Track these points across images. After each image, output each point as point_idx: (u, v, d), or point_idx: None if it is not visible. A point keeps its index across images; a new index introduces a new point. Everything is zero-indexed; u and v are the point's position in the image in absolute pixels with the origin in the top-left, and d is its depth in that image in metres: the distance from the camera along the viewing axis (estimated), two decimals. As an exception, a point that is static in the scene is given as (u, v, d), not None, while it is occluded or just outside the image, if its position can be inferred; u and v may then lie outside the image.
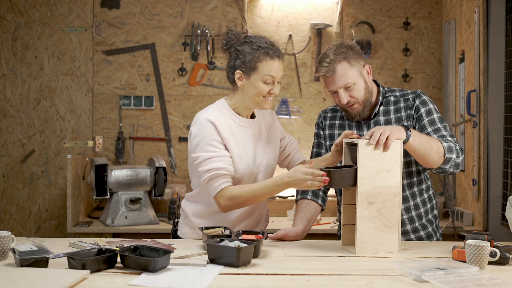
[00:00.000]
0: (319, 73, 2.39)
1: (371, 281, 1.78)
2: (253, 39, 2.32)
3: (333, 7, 4.28)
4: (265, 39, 2.33)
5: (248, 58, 2.28)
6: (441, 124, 2.39)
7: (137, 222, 3.69)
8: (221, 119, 2.32)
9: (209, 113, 2.33)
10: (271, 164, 2.46)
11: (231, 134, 2.33)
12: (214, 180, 2.26)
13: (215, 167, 2.25)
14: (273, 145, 2.48)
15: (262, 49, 2.27)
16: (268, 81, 2.29)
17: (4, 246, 1.98)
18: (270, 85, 2.30)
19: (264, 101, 2.32)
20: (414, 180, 2.44)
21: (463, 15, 3.93)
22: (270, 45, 2.30)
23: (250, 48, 2.29)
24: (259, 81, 2.29)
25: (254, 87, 2.30)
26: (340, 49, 2.38)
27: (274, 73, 2.29)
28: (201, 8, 4.27)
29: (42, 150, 4.24)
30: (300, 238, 2.44)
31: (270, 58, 2.27)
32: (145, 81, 4.27)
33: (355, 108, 2.41)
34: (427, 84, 4.32)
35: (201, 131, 2.29)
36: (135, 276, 1.81)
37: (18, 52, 4.23)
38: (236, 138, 2.34)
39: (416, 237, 2.47)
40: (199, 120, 2.32)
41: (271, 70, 2.28)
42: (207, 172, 2.26)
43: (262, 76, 2.28)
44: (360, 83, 2.38)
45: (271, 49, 2.28)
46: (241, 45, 2.32)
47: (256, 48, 2.28)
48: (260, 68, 2.28)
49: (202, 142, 2.28)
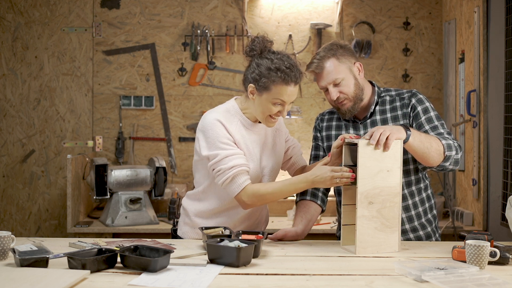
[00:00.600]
0: (309, 69, 2.43)
1: (371, 281, 1.78)
2: (275, 56, 2.25)
3: (333, 7, 4.28)
4: (287, 59, 2.25)
5: (264, 76, 2.23)
6: (439, 122, 2.40)
7: (137, 222, 3.69)
8: (230, 120, 2.32)
9: (218, 113, 2.32)
10: (276, 168, 2.47)
11: (240, 135, 2.33)
12: (239, 177, 2.25)
13: (239, 163, 2.24)
14: (278, 148, 2.49)
15: (280, 72, 2.22)
16: (278, 103, 2.26)
17: (4, 246, 1.98)
18: (279, 107, 2.27)
19: (269, 121, 2.31)
20: (412, 179, 2.45)
21: (463, 15, 3.93)
22: (289, 68, 2.23)
23: (269, 66, 2.23)
24: (269, 102, 2.26)
25: (263, 105, 2.27)
26: (331, 47, 2.42)
27: (286, 99, 2.26)
28: (201, 8, 4.27)
29: (42, 150, 4.24)
30: (300, 238, 2.44)
31: (285, 84, 2.22)
32: (145, 81, 4.27)
33: (345, 104, 2.42)
34: (427, 84, 4.32)
35: (212, 130, 2.27)
36: (135, 276, 1.81)
37: (18, 52, 4.23)
38: (245, 140, 2.34)
39: (415, 237, 2.47)
40: (208, 119, 2.29)
41: (283, 95, 2.24)
42: (230, 169, 2.23)
43: (273, 98, 2.25)
44: (350, 79, 2.40)
45: (288, 74, 2.22)
46: (262, 59, 2.26)
47: (274, 69, 2.22)
48: (273, 91, 2.24)
49: (216, 141, 2.26)
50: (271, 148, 2.44)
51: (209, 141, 2.27)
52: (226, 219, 2.40)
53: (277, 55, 2.26)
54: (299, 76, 2.26)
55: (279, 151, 2.48)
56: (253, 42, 2.29)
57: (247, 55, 2.32)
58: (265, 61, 2.25)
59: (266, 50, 2.29)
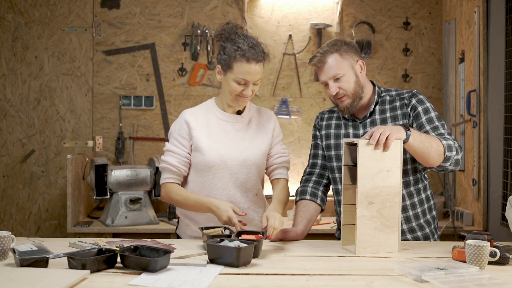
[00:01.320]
0: (312, 62, 2.45)
1: (371, 281, 1.78)
2: (238, 37, 2.35)
3: (333, 7, 4.28)
4: (250, 39, 2.35)
5: (227, 56, 2.34)
6: (439, 122, 2.40)
7: (137, 222, 3.69)
8: (198, 114, 2.46)
9: (189, 109, 2.50)
10: (252, 159, 2.46)
11: (206, 127, 2.43)
12: (164, 172, 2.45)
13: (168, 161, 2.43)
14: (260, 141, 2.50)
15: (241, 51, 2.31)
16: (241, 82, 2.34)
17: (4, 246, 1.98)
18: (243, 86, 2.35)
19: (237, 100, 2.40)
20: (410, 179, 2.44)
21: (463, 15, 3.93)
22: (251, 47, 2.32)
23: (231, 46, 2.34)
24: (232, 80, 2.35)
25: (227, 84, 2.38)
26: (335, 43, 2.44)
27: (248, 77, 2.33)
28: (201, 8, 4.27)
29: (42, 150, 4.24)
30: (300, 238, 2.44)
31: (246, 61, 2.31)
32: (145, 81, 4.27)
33: (344, 101, 2.42)
34: (427, 84, 4.32)
35: (173, 125, 2.48)
36: (135, 276, 1.81)
37: (18, 52, 4.23)
38: (211, 131, 2.43)
39: (412, 238, 2.46)
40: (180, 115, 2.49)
41: (244, 73, 2.32)
42: (162, 162, 2.46)
43: (235, 76, 2.34)
44: (350, 75, 2.41)
45: (250, 52, 2.31)
46: (226, 41, 2.37)
47: (236, 48, 2.32)
48: (235, 69, 2.34)
49: (170, 135, 2.47)
50: (249, 139, 2.47)
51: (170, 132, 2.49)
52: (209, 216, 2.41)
53: (240, 36, 2.36)
54: (260, 55, 2.33)
55: (259, 144, 2.49)
56: (223, 27, 2.40)
57: (216, 40, 2.43)
58: (229, 43, 2.36)
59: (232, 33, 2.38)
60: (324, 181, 2.59)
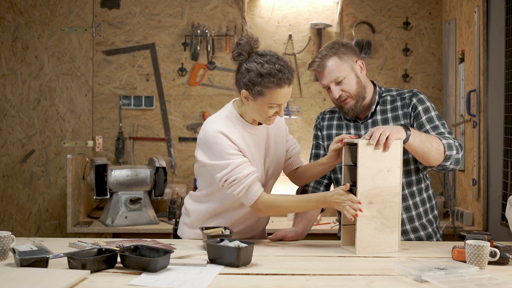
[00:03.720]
0: (311, 68, 2.43)
1: (371, 281, 1.78)
2: (264, 59, 2.18)
3: (333, 7, 4.28)
4: (277, 61, 2.19)
5: (256, 83, 2.17)
6: (439, 122, 2.40)
7: (137, 222, 3.69)
8: (232, 130, 2.26)
9: (219, 124, 2.25)
10: (278, 168, 2.46)
11: (244, 143, 2.28)
12: (254, 185, 2.21)
13: (252, 171, 2.21)
14: (280, 148, 2.46)
15: (272, 77, 2.16)
16: (274, 106, 2.22)
17: (4, 246, 1.98)
18: (276, 108, 2.23)
19: (268, 120, 2.27)
20: (412, 179, 2.44)
21: (463, 15, 3.93)
22: (281, 71, 2.16)
23: (259, 72, 2.17)
24: (264, 106, 2.21)
25: (259, 109, 2.23)
26: (333, 46, 2.42)
27: (281, 101, 2.21)
28: (201, 8, 4.27)
29: (42, 150, 4.24)
30: (300, 238, 2.44)
31: (279, 87, 2.17)
32: (145, 81, 4.27)
33: (347, 102, 2.42)
34: (427, 84, 4.32)
35: (216, 144, 2.21)
36: (135, 276, 1.81)
37: (18, 52, 4.23)
38: (249, 147, 2.30)
39: (415, 237, 2.47)
40: (210, 132, 2.23)
41: (278, 98, 2.19)
42: (246, 177, 2.19)
43: (268, 102, 2.20)
44: (352, 77, 2.40)
45: (281, 78, 2.16)
46: (251, 63, 2.20)
47: (266, 74, 2.16)
48: (267, 96, 2.18)
49: (222, 153, 2.20)
50: (274, 147, 2.43)
51: (215, 153, 2.21)
52: (225, 220, 2.40)
53: (265, 58, 2.19)
54: (291, 76, 2.20)
55: (281, 150, 2.47)
56: (239, 46, 2.22)
57: (234, 60, 2.26)
58: (254, 65, 2.18)
59: (253, 52, 2.23)
60: (325, 181, 2.59)
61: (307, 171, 2.47)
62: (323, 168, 2.40)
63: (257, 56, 2.21)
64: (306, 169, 2.48)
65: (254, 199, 2.21)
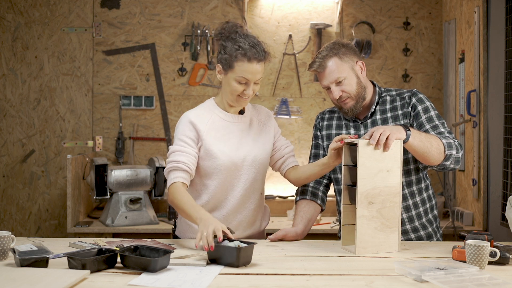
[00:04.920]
0: (312, 68, 2.44)
1: (371, 281, 1.78)
2: (239, 37, 2.32)
3: (333, 7, 4.28)
4: (251, 39, 2.32)
5: (227, 55, 2.31)
6: (439, 121, 2.40)
7: (137, 222, 3.69)
8: (203, 116, 2.40)
9: (192, 111, 2.44)
10: (260, 158, 2.45)
11: (213, 129, 2.39)
12: (172, 172, 2.32)
13: (177, 159, 2.32)
14: (264, 140, 2.49)
15: (242, 50, 2.28)
16: (242, 81, 2.31)
17: (4, 246, 1.98)
18: (244, 85, 2.32)
19: (239, 100, 2.37)
20: (412, 179, 2.45)
21: (463, 15, 3.93)
22: (252, 46, 2.29)
23: (232, 45, 2.31)
24: (233, 80, 2.32)
25: (228, 84, 2.34)
26: (333, 46, 2.43)
27: (249, 76, 2.30)
28: (201, 8, 4.27)
29: (42, 150, 4.24)
30: (300, 238, 2.44)
31: (248, 60, 2.28)
32: (145, 81, 4.27)
33: (347, 103, 2.43)
34: (427, 84, 4.32)
35: (178, 127, 2.40)
36: (135, 276, 1.81)
37: (18, 52, 4.23)
38: (218, 133, 2.39)
39: (416, 237, 2.47)
40: (181, 117, 2.43)
41: (246, 72, 2.29)
42: (169, 163, 2.34)
43: (236, 75, 2.31)
44: (352, 77, 2.41)
45: (251, 51, 2.28)
46: (226, 40, 2.34)
47: (237, 47, 2.29)
48: (236, 68, 2.30)
49: (176, 137, 2.39)
50: (254, 138, 2.46)
51: (175, 135, 2.41)
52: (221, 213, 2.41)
53: (240, 35, 2.34)
54: (261, 54, 2.30)
55: (264, 143, 2.48)
56: (222, 26, 2.38)
57: (216, 38, 2.40)
58: (229, 42, 2.33)
59: (232, 32, 2.36)
60: (325, 181, 2.59)
61: (306, 172, 2.47)
62: (323, 168, 2.40)
63: (235, 34, 2.35)
64: (305, 169, 2.48)
65: (168, 184, 2.33)
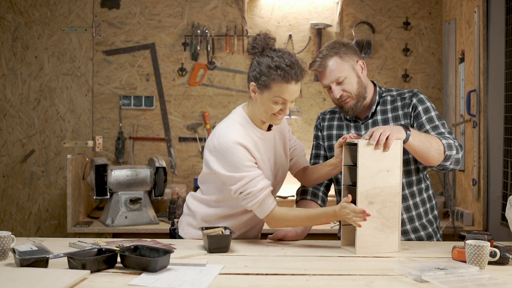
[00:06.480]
0: (312, 68, 2.44)
1: (371, 281, 1.78)
2: (276, 54, 2.22)
3: (333, 7, 4.28)
4: (288, 57, 2.22)
5: (264, 75, 2.20)
6: (439, 122, 2.40)
7: (137, 222, 3.69)
8: (247, 139, 2.27)
9: (236, 134, 2.25)
10: (286, 169, 2.47)
11: (256, 150, 2.29)
12: (267, 199, 2.24)
13: (266, 185, 2.23)
14: (285, 149, 2.48)
15: (280, 70, 2.18)
16: (279, 101, 2.22)
17: (4, 246, 1.98)
18: (281, 105, 2.24)
19: (274, 118, 2.28)
20: (413, 179, 2.45)
21: (463, 15, 3.93)
22: (290, 66, 2.19)
23: (269, 64, 2.20)
24: (270, 100, 2.22)
25: (264, 104, 2.24)
26: (333, 46, 2.43)
27: (287, 97, 2.22)
28: (201, 8, 4.27)
29: (42, 150, 4.24)
30: (300, 238, 2.44)
31: (286, 82, 2.18)
32: (145, 81, 4.27)
33: (348, 102, 2.42)
34: (427, 84, 4.32)
35: (234, 155, 2.22)
36: (135, 276, 1.81)
37: (18, 52, 4.23)
38: (261, 154, 2.31)
39: (416, 237, 2.47)
40: (227, 142, 2.23)
41: (283, 93, 2.20)
42: (260, 191, 2.21)
43: (273, 96, 2.21)
44: (352, 77, 2.41)
45: (290, 72, 2.18)
46: (262, 57, 2.23)
47: (274, 67, 2.18)
48: (273, 89, 2.20)
49: (239, 165, 2.21)
50: (281, 153, 2.44)
51: (231, 165, 2.22)
52: (233, 222, 2.40)
53: (278, 53, 2.23)
54: (300, 74, 2.22)
55: (286, 153, 2.48)
56: (255, 40, 2.27)
57: (248, 53, 2.29)
58: (266, 59, 2.22)
59: (267, 48, 2.26)
60: (325, 181, 2.59)
61: (315, 173, 2.46)
62: (331, 169, 2.39)
63: (270, 51, 2.25)
64: (314, 171, 2.47)
65: (267, 213, 2.24)
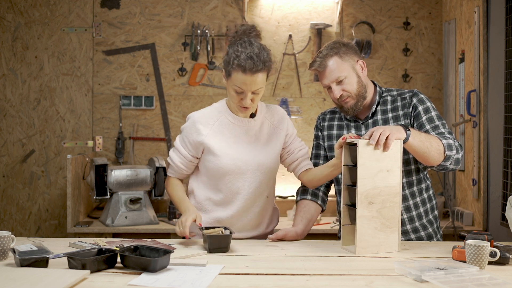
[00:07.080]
0: (312, 67, 2.44)
1: (371, 281, 1.78)
2: (241, 45, 2.28)
3: (333, 7, 4.28)
4: (252, 49, 2.26)
5: (227, 63, 2.30)
6: (439, 122, 2.40)
7: (137, 222, 3.69)
8: (210, 117, 2.41)
9: (200, 111, 2.46)
10: (266, 163, 2.44)
11: (219, 131, 2.40)
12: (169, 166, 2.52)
13: (173, 159, 2.48)
14: (273, 145, 2.47)
15: (238, 60, 2.25)
16: (238, 91, 2.29)
17: (4, 246, 1.98)
18: (240, 95, 2.30)
19: (240, 110, 2.37)
20: (413, 179, 2.45)
21: (463, 15, 3.93)
22: (250, 57, 2.24)
23: (232, 53, 2.29)
24: (231, 88, 2.32)
25: (229, 92, 2.35)
26: (333, 45, 2.43)
27: (243, 87, 2.27)
28: (201, 8, 4.27)
29: (42, 150, 4.24)
30: (300, 238, 2.44)
31: (242, 71, 2.25)
32: (145, 81, 4.28)
33: (348, 102, 2.43)
34: (427, 84, 4.32)
35: (185, 128, 2.45)
36: (135, 276, 1.81)
37: (18, 52, 4.23)
38: (223, 135, 2.40)
39: (416, 237, 2.47)
40: (189, 116, 2.46)
41: (240, 82, 2.27)
42: (169, 156, 2.50)
43: (233, 84, 2.30)
44: (353, 77, 2.41)
45: (246, 62, 2.23)
46: (231, 46, 2.33)
47: (235, 56, 2.26)
48: (233, 78, 2.29)
49: (182, 135, 2.46)
50: (262, 144, 2.45)
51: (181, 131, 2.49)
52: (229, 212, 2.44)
53: (242, 43, 2.29)
54: (260, 67, 2.25)
55: (272, 148, 2.47)
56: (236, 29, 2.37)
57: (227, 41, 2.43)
58: (232, 49, 2.30)
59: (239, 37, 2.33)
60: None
61: (318, 174, 2.46)
62: (333, 169, 2.39)
63: (240, 41, 2.32)
64: (316, 172, 2.47)
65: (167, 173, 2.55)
